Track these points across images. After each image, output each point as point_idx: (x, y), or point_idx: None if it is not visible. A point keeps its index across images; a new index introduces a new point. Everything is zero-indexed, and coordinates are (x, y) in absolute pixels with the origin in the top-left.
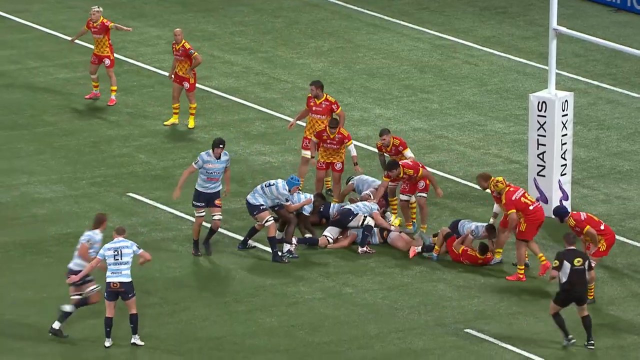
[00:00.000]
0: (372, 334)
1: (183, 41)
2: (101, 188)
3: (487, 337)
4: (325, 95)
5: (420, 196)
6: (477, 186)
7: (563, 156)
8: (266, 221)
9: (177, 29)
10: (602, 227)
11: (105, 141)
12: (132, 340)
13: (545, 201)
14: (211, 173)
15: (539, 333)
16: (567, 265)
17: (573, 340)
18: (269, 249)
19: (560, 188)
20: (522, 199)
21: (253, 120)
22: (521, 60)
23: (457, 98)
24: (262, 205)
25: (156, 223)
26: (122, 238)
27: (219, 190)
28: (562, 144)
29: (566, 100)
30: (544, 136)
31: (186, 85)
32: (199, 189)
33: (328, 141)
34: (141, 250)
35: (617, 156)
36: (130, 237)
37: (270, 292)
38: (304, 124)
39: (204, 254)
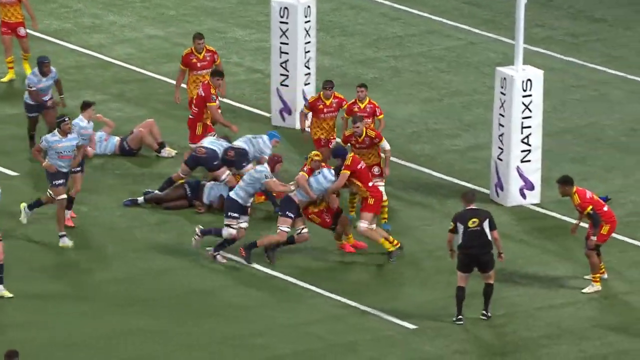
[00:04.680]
0: (109, 254)
1: None
2: None
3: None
4: (205, 46)
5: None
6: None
7: (307, 65)
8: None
9: None
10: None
11: None
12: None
13: (289, 112)
14: None
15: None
16: (460, 227)
17: (461, 322)
18: None
19: (304, 98)
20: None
21: None
22: None
23: (194, 4)
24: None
25: None
26: None
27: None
28: (306, 52)
29: (309, 6)
30: (287, 44)
31: (22, 31)
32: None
33: (357, 144)
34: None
35: (362, 64)
36: None
37: None
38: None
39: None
